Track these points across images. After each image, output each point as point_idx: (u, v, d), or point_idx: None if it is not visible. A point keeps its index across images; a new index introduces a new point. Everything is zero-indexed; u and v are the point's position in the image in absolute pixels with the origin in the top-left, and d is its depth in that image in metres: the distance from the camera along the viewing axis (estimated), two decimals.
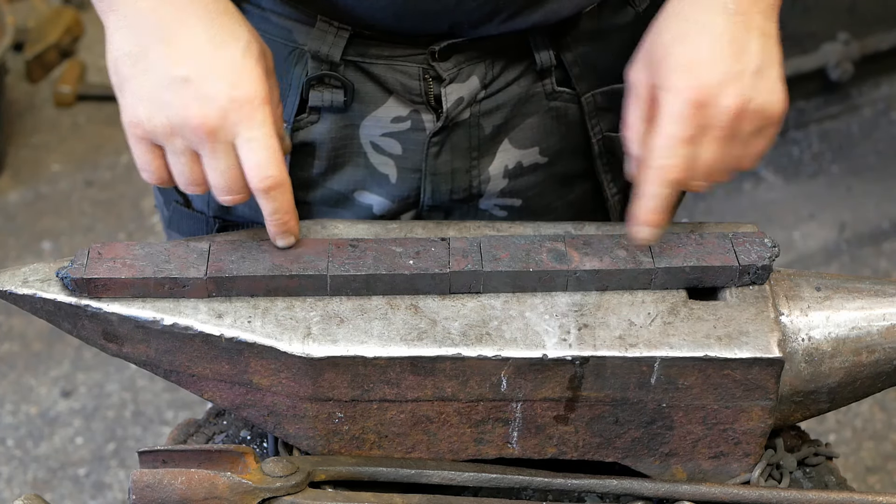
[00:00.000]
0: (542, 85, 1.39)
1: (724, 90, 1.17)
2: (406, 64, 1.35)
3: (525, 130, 1.42)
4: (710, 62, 1.18)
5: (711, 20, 1.20)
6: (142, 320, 1.22)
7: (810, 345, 1.26)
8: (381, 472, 1.25)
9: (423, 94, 1.36)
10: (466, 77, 1.36)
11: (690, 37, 1.20)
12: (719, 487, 1.26)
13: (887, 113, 3.80)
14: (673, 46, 1.20)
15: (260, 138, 1.17)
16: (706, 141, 1.18)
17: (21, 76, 4.02)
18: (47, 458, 2.84)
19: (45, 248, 3.40)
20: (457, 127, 1.38)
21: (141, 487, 1.19)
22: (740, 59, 1.19)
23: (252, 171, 1.18)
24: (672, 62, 1.19)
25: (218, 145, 1.17)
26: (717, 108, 1.17)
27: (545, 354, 1.20)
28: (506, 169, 1.43)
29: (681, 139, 1.17)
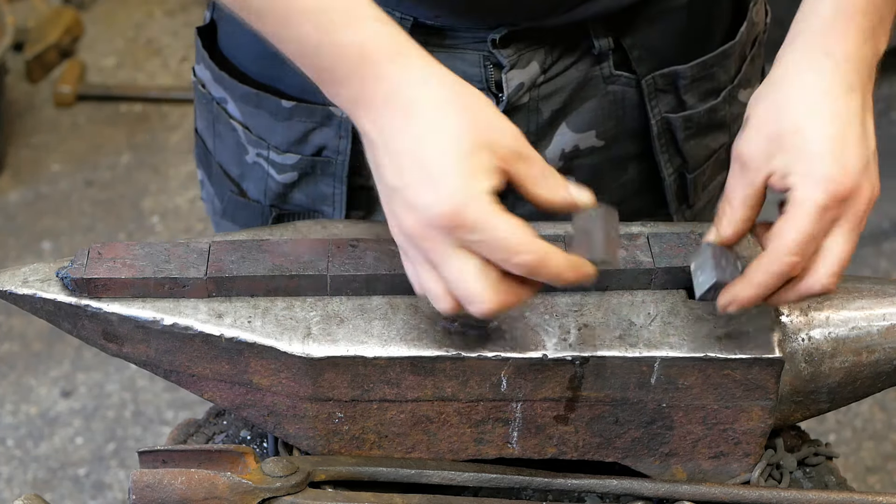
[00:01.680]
0: (600, 69, 1.40)
1: (864, 181, 1.11)
2: (467, 52, 1.35)
3: (583, 114, 1.42)
4: (852, 149, 1.11)
5: (845, 101, 1.13)
6: (142, 320, 1.22)
7: (810, 345, 1.26)
8: (381, 472, 1.25)
9: (484, 80, 1.36)
10: (526, 63, 1.36)
11: (825, 120, 1.12)
12: (719, 487, 1.26)
13: (887, 113, 3.79)
14: (811, 131, 1.12)
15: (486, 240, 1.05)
16: (840, 233, 1.11)
17: (21, 76, 4.02)
18: (47, 458, 2.84)
19: (45, 248, 3.40)
20: (516, 111, 1.39)
21: (141, 487, 1.19)
22: (866, 142, 1.13)
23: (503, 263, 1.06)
24: (813, 148, 1.11)
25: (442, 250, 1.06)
26: (857, 201, 1.10)
27: (545, 354, 1.20)
28: (563, 152, 1.44)
29: (813, 236, 1.10)
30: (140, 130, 3.86)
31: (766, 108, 1.16)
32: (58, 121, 3.90)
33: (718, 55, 1.43)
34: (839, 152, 1.11)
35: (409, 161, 1.07)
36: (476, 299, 1.07)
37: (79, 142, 3.82)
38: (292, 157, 1.43)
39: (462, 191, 1.05)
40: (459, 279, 1.07)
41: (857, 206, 1.11)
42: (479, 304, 1.07)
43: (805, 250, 1.11)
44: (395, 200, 1.08)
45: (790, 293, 1.14)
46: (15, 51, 3.99)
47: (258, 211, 1.49)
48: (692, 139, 1.46)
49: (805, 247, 1.11)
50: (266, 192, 1.48)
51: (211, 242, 1.27)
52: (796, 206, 1.11)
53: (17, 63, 4.02)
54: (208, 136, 1.53)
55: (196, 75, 1.52)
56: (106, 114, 3.94)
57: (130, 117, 3.92)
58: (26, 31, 4.09)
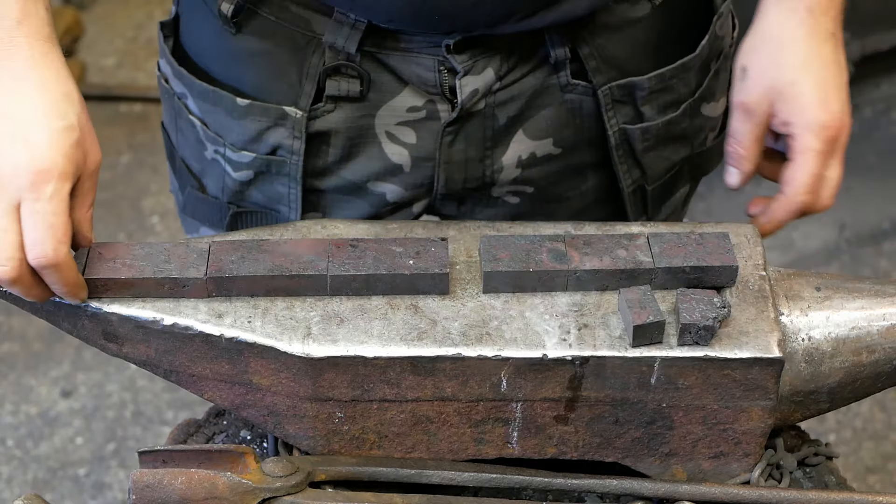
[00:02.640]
0: (557, 77, 1.40)
1: (846, 118, 1.33)
2: (422, 56, 1.35)
3: (539, 122, 1.42)
4: (837, 95, 1.32)
5: (828, 52, 1.33)
6: (142, 320, 1.22)
7: (810, 345, 1.26)
8: (381, 472, 1.25)
9: (439, 85, 1.37)
10: (482, 69, 1.36)
11: (813, 69, 1.33)
12: (719, 487, 1.26)
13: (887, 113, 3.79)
14: (804, 84, 1.32)
15: (42, 212, 1.15)
16: (833, 164, 1.34)
17: None
18: (47, 458, 2.83)
19: None
20: (471, 117, 1.39)
21: (141, 487, 1.19)
22: (844, 82, 1.33)
23: (29, 245, 1.16)
24: (806, 99, 1.32)
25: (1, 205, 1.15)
26: (842, 136, 1.33)
27: (545, 354, 1.20)
28: (519, 159, 1.44)
29: (819, 175, 1.33)
30: (140, 130, 3.85)
31: (762, 60, 1.35)
32: None
33: (678, 67, 1.43)
34: (827, 99, 1.32)
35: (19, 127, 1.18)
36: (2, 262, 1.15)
37: None
38: (247, 155, 1.43)
39: (59, 165, 1.16)
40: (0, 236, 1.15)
41: (843, 139, 1.34)
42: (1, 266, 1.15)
43: (814, 188, 1.34)
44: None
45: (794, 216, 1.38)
46: None
47: (216, 207, 1.50)
48: (651, 151, 1.46)
49: (814, 186, 1.34)
50: (224, 189, 1.48)
51: (211, 242, 1.26)
52: (801, 154, 1.33)
53: None
54: (172, 131, 1.54)
55: (160, 69, 1.53)
56: (106, 114, 3.93)
57: (130, 117, 3.92)
58: None
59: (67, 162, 1.17)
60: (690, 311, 1.19)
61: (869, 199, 3.53)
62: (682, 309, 1.20)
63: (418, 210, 1.49)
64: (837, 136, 1.32)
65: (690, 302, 1.20)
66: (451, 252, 1.29)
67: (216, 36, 1.39)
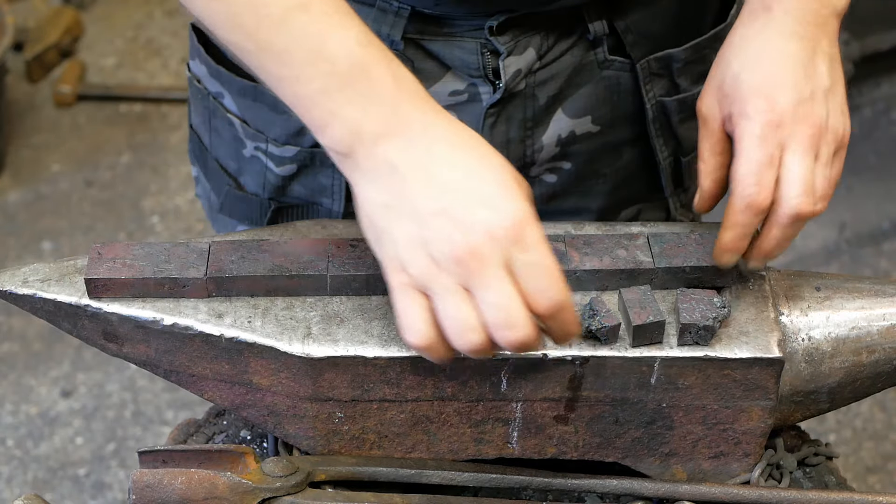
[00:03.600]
0: (595, 54, 1.41)
1: (800, 109, 1.19)
2: (465, 39, 1.36)
3: (578, 100, 1.43)
4: (784, 85, 1.19)
5: (783, 45, 1.21)
6: (142, 320, 1.22)
7: (810, 345, 1.26)
8: (381, 472, 1.25)
9: (482, 67, 1.37)
10: (523, 49, 1.37)
11: (762, 63, 1.22)
12: (719, 487, 1.26)
13: (887, 113, 3.79)
14: (745, 73, 1.21)
15: (536, 261, 1.07)
16: (793, 156, 1.18)
17: (21, 76, 4.02)
18: (47, 458, 2.84)
19: (45, 248, 3.40)
20: (513, 98, 1.40)
21: (141, 487, 1.19)
22: (812, 80, 1.20)
23: (535, 296, 1.07)
24: (746, 89, 1.20)
25: (491, 273, 1.06)
26: (798, 125, 1.18)
27: (545, 354, 1.20)
28: (559, 138, 1.45)
29: (763, 163, 1.18)
30: (140, 130, 3.85)
31: (715, 64, 1.26)
32: (58, 121, 3.90)
33: (710, 38, 1.44)
34: (768, 89, 1.20)
35: (460, 183, 1.07)
36: (517, 323, 1.07)
37: (79, 142, 3.82)
38: (291, 149, 1.43)
39: (523, 210, 1.07)
40: (501, 304, 1.06)
41: (802, 132, 1.18)
42: (518, 329, 1.07)
43: (760, 179, 1.17)
44: (438, 221, 1.06)
45: (773, 228, 1.20)
46: (15, 51, 3.99)
47: (256, 204, 1.49)
48: (686, 122, 1.47)
49: (759, 176, 1.18)
50: (265, 186, 1.48)
51: (211, 242, 1.26)
52: (739, 143, 1.19)
53: (17, 63, 4.01)
54: (204, 132, 1.53)
55: (191, 71, 1.52)
56: (106, 114, 3.94)
57: (130, 117, 3.92)
58: (26, 31, 4.09)
59: (524, 200, 1.08)
60: (690, 311, 1.19)
61: (869, 199, 3.53)
62: (682, 309, 1.20)
63: None
64: (783, 123, 1.18)
65: (690, 302, 1.20)
66: None
67: None
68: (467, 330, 1.07)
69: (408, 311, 1.09)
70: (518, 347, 1.08)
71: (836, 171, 1.22)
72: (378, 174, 1.09)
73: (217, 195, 1.55)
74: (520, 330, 1.07)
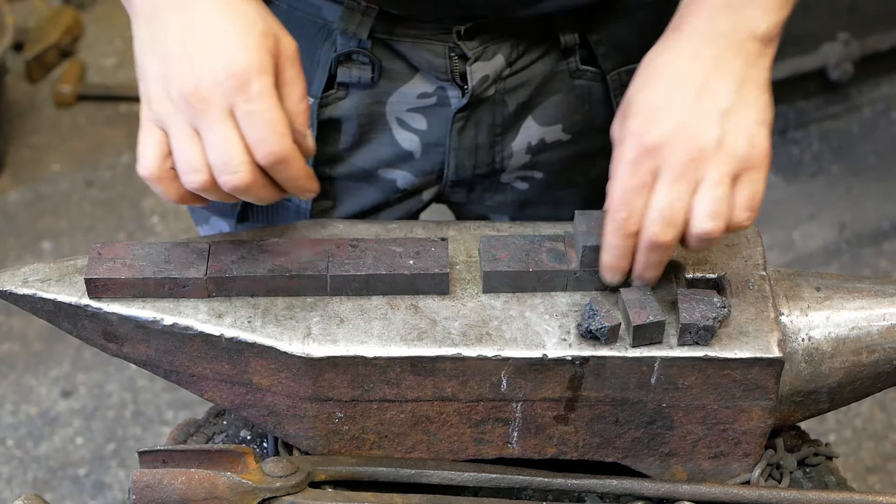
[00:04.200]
0: (567, 63, 1.41)
1: (679, 133, 1.15)
2: (432, 42, 1.36)
3: (549, 108, 1.43)
4: (668, 106, 1.16)
5: (680, 65, 1.18)
6: (142, 320, 1.22)
7: (810, 345, 1.26)
8: (381, 472, 1.25)
9: (449, 71, 1.37)
10: (492, 55, 1.37)
11: (656, 83, 1.19)
12: (719, 487, 1.26)
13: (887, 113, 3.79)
14: (637, 94, 1.19)
15: (258, 110, 1.12)
16: (661, 185, 1.15)
17: (21, 76, 4.02)
18: (47, 458, 2.84)
19: (45, 248, 3.40)
20: (482, 103, 1.40)
21: (141, 487, 1.19)
22: (703, 102, 1.16)
23: (255, 146, 1.13)
24: (633, 109, 1.18)
25: (213, 116, 1.12)
26: (671, 151, 1.15)
27: (545, 354, 1.20)
28: (529, 145, 1.45)
29: (632, 189, 1.16)
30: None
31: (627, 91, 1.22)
32: (58, 121, 3.90)
33: None
34: (650, 111, 1.16)
35: (200, 32, 1.13)
36: (233, 169, 1.12)
37: (79, 142, 3.82)
38: None
39: (254, 61, 1.13)
40: (222, 145, 1.12)
41: (676, 158, 1.14)
42: (234, 174, 1.12)
43: (629, 204, 1.16)
44: (174, 65, 1.13)
45: (638, 253, 1.19)
46: (15, 51, 3.99)
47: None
48: None
49: (628, 202, 1.16)
50: None
51: (211, 242, 1.26)
52: (613, 168, 1.18)
53: (17, 63, 4.01)
54: None
55: None
56: (106, 114, 3.94)
57: (130, 117, 3.92)
58: (26, 31, 4.08)
59: (262, 55, 1.14)
60: (690, 311, 1.19)
61: (869, 199, 3.53)
62: (682, 309, 1.20)
63: (428, 197, 1.50)
64: (656, 148, 1.15)
65: (690, 302, 1.20)
66: (451, 252, 1.29)
67: None
68: (191, 169, 1.14)
69: (143, 144, 1.16)
70: (235, 190, 1.13)
71: (750, 191, 1.16)
72: (145, 14, 1.16)
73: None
74: (236, 174, 1.12)
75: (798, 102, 3.73)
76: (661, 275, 1.21)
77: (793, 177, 3.62)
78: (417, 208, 1.52)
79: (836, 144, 3.73)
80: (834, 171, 3.65)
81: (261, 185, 1.15)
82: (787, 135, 3.72)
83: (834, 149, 3.71)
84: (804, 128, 3.76)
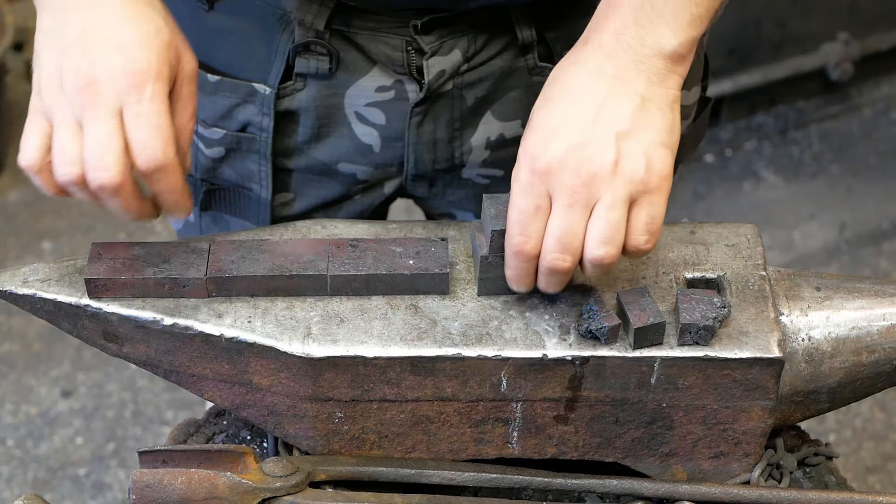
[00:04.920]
0: (525, 60, 1.41)
1: (573, 156, 1.13)
2: (389, 36, 1.36)
3: (507, 104, 1.43)
4: (564, 128, 1.14)
5: (582, 83, 1.16)
6: (142, 320, 1.22)
7: (810, 345, 1.26)
8: (381, 472, 1.25)
9: (406, 65, 1.38)
10: (449, 50, 1.37)
11: (552, 102, 1.17)
12: (719, 487, 1.26)
13: (887, 113, 3.79)
14: (537, 113, 1.17)
15: (147, 114, 1.13)
16: (556, 210, 1.14)
17: (21, 76, 4.02)
18: (47, 458, 2.83)
19: (45, 248, 3.40)
20: (440, 98, 1.40)
21: (141, 487, 1.19)
22: (600, 123, 1.14)
23: (137, 150, 1.13)
24: (530, 129, 1.16)
25: (100, 111, 1.12)
26: (564, 175, 1.13)
27: (545, 354, 1.20)
28: (488, 140, 1.45)
29: (527, 213, 1.14)
30: None
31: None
32: None
33: None
34: (546, 133, 1.14)
35: (103, 29, 1.14)
36: (106, 166, 1.12)
37: None
38: (218, 131, 1.44)
39: (153, 65, 1.14)
40: (101, 141, 1.11)
41: (568, 182, 1.12)
42: (104, 170, 1.12)
43: (526, 228, 1.14)
44: (71, 56, 1.13)
45: (539, 275, 1.17)
46: (15, 51, 3.99)
47: (190, 184, 1.50)
48: None
49: (524, 226, 1.14)
50: (197, 166, 1.49)
51: (211, 242, 1.27)
52: (511, 190, 1.16)
53: (17, 63, 4.01)
54: None
55: None
56: None
57: None
58: (26, 31, 4.08)
59: (162, 62, 1.15)
60: (690, 311, 1.19)
61: (869, 199, 3.53)
62: (682, 309, 1.20)
63: (390, 190, 1.51)
64: (550, 172, 1.12)
65: (690, 302, 1.20)
66: (451, 252, 1.29)
67: (189, 13, 1.40)
68: (66, 161, 1.13)
69: (28, 133, 1.15)
70: (100, 189, 1.13)
71: (649, 215, 1.14)
72: (51, 8, 1.17)
73: None
74: (106, 172, 1.12)
75: (798, 102, 3.73)
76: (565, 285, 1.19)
77: (793, 177, 3.62)
78: (380, 201, 1.52)
79: (836, 144, 3.72)
80: (834, 171, 3.64)
81: (130, 192, 1.16)
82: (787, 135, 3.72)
83: (834, 149, 3.71)
84: (804, 128, 3.75)
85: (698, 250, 1.31)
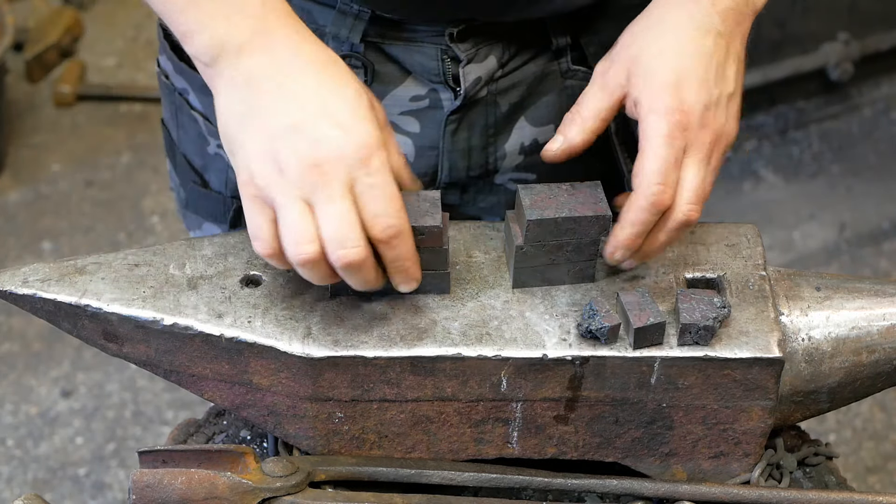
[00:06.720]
0: (558, 64, 1.41)
1: (705, 114, 1.19)
2: (424, 45, 1.36)
3: (541, 108, 1.44)
4: (695, 85, 1.19)
5: (701, 41, 1.21)
6: (142, 320, 1.22)
7: (810, 345, 1.26)
8: (381, 472, 1.25)
9: (442, 73, 1.38)
10: (484, 57, 1.37)
11: (678, 55, 1.21)
12: (719, 487, 1.26)
13: (887, 113, 3.79)
14: (659, 61, 1.21)
15: (380, 184, 1.12)
16: (689, 163, 1.19)
17: (21, 76, 4.02)
18: (47, 458, 2.84)
19: (45, 248, 3.40)
20: (474, 105, 1.40)
21: (141, 487, 1.19)
22: (720, 83, 1.21)
23: (373, 220, 1.12)
24: (658, 81, 1.20)
25: (334, 189, 1.11)
26: (701, 132, 1.19)
27: (545, 354, 1.20)
28: (522, 146, 1.45)
29: (669, 162, 1.17)
30: (140, 130, 3.85)
31: (631, 37, 1.25)
32: (58, 121, 3.90)
33: None
34: (679, 87, 1.19)
35: (314, 102, 1.12)
36: (349, 244, 1.11)
37: (79, 142, 3.82)
38: None
39: (374, 135, 1.12)
40: (342, 218, 1.10)
41: (703, 139, 1.19)
42: (351, 248, 1.11)
43: (666, 177, 1.17)
44: (286, 139, 1.11)
45: (661, 233, 1.21)
46: (15, 51, 3.99)
47: (220, 202, 1.50)
48: None
49: (665, 174, 1.17)
50: (227, 184, 1.48)
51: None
52: (647, 140, 1.19)
53: (17, 63, 4.01)
54: (173, 127, 1.54)
55: (160, 66, 1.53)
56: (106, 114, 3.94)
57: (130, 117, 3.92)
58: (26, 31, 4.08)
59: (376, 127, 1.14)
60: (690, 311, 1.19)
61: (869, 199, 3.54)
62: (682, 309, 1.20)
63: None
64: (689, 127, 1.19)
65: (690, 302, 1.20)
66: (451, 252, 1.29)
67: None
68: (302, 241, 1.11)
69: (254, 221, 1.14)
70: (347, 266, 1.12)
71: (717, 174, 1.23)
72: (237, 85, 1.13)
73: (184, 190, 1.55)
74: (350, 249, 1.11)
75: (798, 102, 3.73)
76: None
77: (793, 177, 3.62)
78: None
79: (836, 144, 3.73)
80: (834, 171, 3.65)
81: (370, 264, 1.14)
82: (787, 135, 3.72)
83: (834, 149, 3.72)
84: (804, 128, 3.76)
85: (698, 250, 1.31)
